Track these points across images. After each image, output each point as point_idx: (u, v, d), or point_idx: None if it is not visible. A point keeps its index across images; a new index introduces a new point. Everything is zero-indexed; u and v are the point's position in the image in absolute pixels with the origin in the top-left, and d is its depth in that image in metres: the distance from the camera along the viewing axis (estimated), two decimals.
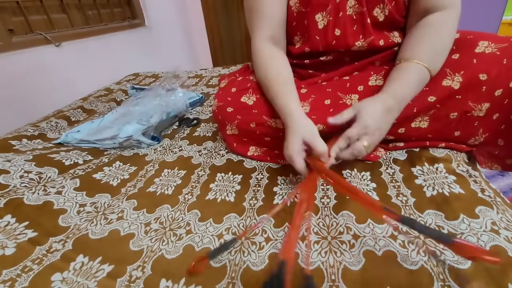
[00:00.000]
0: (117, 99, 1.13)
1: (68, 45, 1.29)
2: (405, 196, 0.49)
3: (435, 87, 0.53)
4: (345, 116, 0.51)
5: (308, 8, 0.59)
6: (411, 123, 0.56)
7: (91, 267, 0.41)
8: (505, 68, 0.50)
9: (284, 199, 0.52)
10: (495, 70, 0.50)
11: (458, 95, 0.52)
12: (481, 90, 0.51)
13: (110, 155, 0.72)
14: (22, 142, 0.75)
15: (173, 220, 0.50)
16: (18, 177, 0.56)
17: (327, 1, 0.58)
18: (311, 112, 0.59)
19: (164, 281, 0.39)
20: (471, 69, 0.52)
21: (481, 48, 0.52)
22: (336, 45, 0.60)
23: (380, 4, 0.57)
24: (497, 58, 0.50)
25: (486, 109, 0.52)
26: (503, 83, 0.50)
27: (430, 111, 0.54)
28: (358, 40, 0.59)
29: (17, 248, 0.43)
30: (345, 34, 0.59)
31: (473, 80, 0.51)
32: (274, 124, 0.60)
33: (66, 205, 0.53)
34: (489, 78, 0.50)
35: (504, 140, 0.56)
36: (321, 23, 0.60)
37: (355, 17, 0.59)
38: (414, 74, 0.52)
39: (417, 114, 0.55)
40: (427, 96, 0.54)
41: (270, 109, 0.60)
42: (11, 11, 1.11)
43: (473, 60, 0.52)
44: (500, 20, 1.68)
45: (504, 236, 0.38)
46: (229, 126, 0.64)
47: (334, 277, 0.37)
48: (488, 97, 0.51)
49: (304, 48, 0.64)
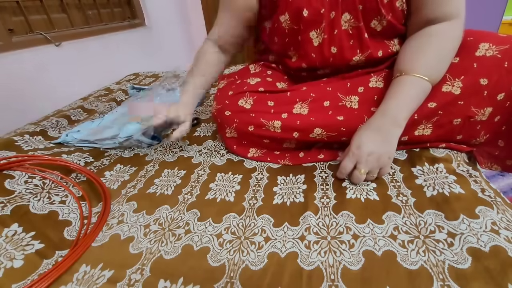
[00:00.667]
0: (117, 99, 1.13)
1: (68, 45, 1.29)
2: (405, 196, 0.48)
3: (435, 93, 0.52)
4: (341, 174, 0.53)
5: (300, 26, 0.58)
6: (415, 131, 0.55)
7: (93, 274, 0.41)
8: (506, 72, 0.49)
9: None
10: (496, 74, 0.49)
11: (460, 100, 0.51)
12: (483, 94, 0.50)
13: (110, 157, 0.72)
14: (24, 138, 0.75)
15: (172, 221, 0.50)
16: (23, 183, 0.56)
17: (320, 18, 0.56)
18: (309, 114, 0.58)
19: (163, 282, 0.39)
20: (471, 74, 0.51)
21: (482, 51, 0.51)
22: (334, 61, 0.60)
23: (377, 16, 0.55)
24: (498, 61, 0.50)
25: (489, 113, 0.52)
26: (505, 87, 0.50)
27: (433, 118, 0.53)
28: (355, 55, 0.58)
29: (25, 261, 0.43)
30: (341, 51, 0.58)
31: (474, 85, 0.50)
32: (272, 128, 0.59)
33: (71, 217, 0.52)
34: (490, 82, 0.50)
35: (504, 142, 0.55)
36: (316, 40, 0.59)
37: (351, 32, 0.57)
38: (413, 89, 0.51)
39: (419, 122, 0.54)
40: (427, 103, 0.53)
41: (268, 113, 0.60)
42: (11, 11, 1.11)
43: (474, 64, 0.51)
44: (500, 20, 1.68)
45: (504, 236, 0.38)
46: (228, 129, 0.64)
47: (334, 276, 0.37)
48: (491, 101, 0.51)
49: (301, 63, 0.64)
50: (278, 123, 0.59)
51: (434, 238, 0.40)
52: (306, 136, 0.59)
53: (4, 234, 0.45)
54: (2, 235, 0.45)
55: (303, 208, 0.49)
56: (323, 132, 0.57)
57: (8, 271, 0.41)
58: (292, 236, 0.44)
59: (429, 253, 0.38)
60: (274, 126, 0.59)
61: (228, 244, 0.44)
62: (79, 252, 0.44)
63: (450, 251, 0.38)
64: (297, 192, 0.53)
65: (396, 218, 0.44)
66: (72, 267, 0.43)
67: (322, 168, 0.59)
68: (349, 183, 0.53)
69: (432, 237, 0.40)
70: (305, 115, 0.58)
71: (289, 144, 0.62)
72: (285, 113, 0.60)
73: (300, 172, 0.59)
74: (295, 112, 0.59)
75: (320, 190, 0.53)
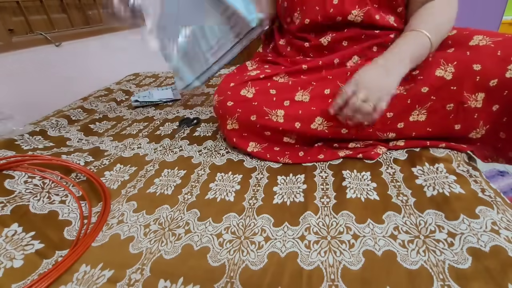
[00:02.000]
0: (117, 99, 1.13)
1: (68, 45, 1.29)
2: (405, 196, 0.48)
3: (428, 76, 0.54)
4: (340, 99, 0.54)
5: None
6: (409, 117, 0.57)
7: (93, 274, 0.41)
8: (499, 59, 0.50)
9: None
10: (489, 61, 0.51)
11: (452, 86, 0.53)
12: (475, 80, 0.52)
13: (110, 156, 0.72)
14: (24, 137, 0.75)
15: (172, 220, 0.50)
16: (23, 183, 0.56)
17: None
18: (310, 102, 0.60)
19: (163, 282, 0.39)
20: (464, 61, 0.52)
21: (476, 41, 0.53)
22: (334, 13, 0.60)
23: None
24: (492, 50, 0.51)
25: (482, 99, 0.53)
26: (498, 73, 0.50)
27: (426, 103, 0.55)
28: (354, 9, 0.59)
29: (25, 261, 0.43)
30: (342, 2, 0.60)
31: (466, 70, 0.52)
32: (275, 117, 0.60)
33: (71, 217, 0.52)
34: (483, 68, 0.51)
35: (506, 133, 0.55)
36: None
37: None
38: (410, 37, 0.54)
39: (413, 107, 0.56)
40: (420, 87, 0.54)
41: (270, 101, 0.61)
42: (11, 11, 1.12)
43: (467, 52, 0.53)
44: (500, 20, 1.68)
45: (504, 236, 0.38)
46: (229, 120, 0.64)
47: (334, 276, 0.37)
48: (483, 87, 0.52)
49: (304, 19, 0.64)
50: (281, 112, 0.60)
51: (434, 238, 0.40)
52: (307, 127, 0.60)
53: (4, 234, 0.45)
54: (2, 235, 0.45)
55: (303, 208, 0.49)
56: (324, 121, 0.59)
57: (8, 271, 0.41)
58: (292, 236, 0.44)
59: (429, 253, 0.38)
60: (277, 115, 0.60)
61: (228, 244, 0.44)
62: (79, 252, 0.44)
63: (450, 251, 0.38)
64: (297, 192, 0.53)
65: (396, 218, 0.44)
66: (72, 267, 0.43)
67: (322, 168, 0.59)
68: (349, 183, 0.53)
69: (432, 237, 0.40)
70: (306, 102, 0.60)
71: (289, 139, 0.63)
72: (287, 101, 0.61)
73: (300, 172, 0.59)
74: (297, 99, 0.61)
75: (320, 190, 0.53)
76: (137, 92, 1.20)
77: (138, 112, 1.01)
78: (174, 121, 0.90)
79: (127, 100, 1.15)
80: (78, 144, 0.79)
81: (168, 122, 0.90)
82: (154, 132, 0.84)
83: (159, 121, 0.92)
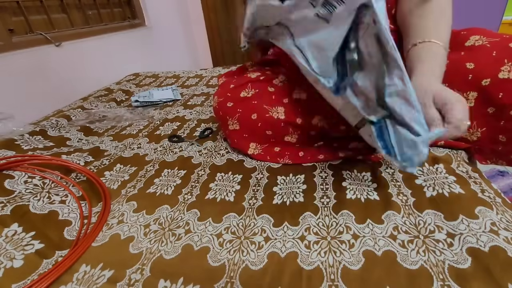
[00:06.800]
0: (117, 99, 1.13)
1: (68, 45, 1.29)
2: (405, 196, 0.48)
3: None
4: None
5: None
6: None
7: (93, 274, 0.41)
8: (493, 60, 0.50)
9: None
10: (483, 60, 0.50)
11: (444, 83, 0.51)
12: (467, 78, 0.51)
13: (110, 156, 0.72)
14: (24, 137, 0.75)
15: (172, 220, 0.50)
16: (23, 183, 0.56)
17: None
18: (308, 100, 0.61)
19: (163, 282, 0.39)
20: (457, 59, 0.52)
21: (472, 42, 0.53)
22: None
23: None
24: (487, 49, 0.51)
25: (474, 98, 0.52)
26: (491, 73, 0.50)
27: None
28: None
29: (25, 261, 0.43)
30: None
31: (459, 68, 0.52)
32: (276, 114, 0.60)
33: (71, 216, 0.52)
34: (476, 67, 0.51)
35: (506, 136, 0.55)
36: None
37: None
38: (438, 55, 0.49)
39: None
40: None
41: (270, 99, 0.61)
42: (11, 11, 1.11)
43: (461, 52, 0.53)
44: (500, 20, 1.68)
45: (504, 237, 0.38)
46: (230, 121, 0.64)
47: (334, 276, 0.37)
48: (475, 85, 0.51)
49: None
50: (281, 109, 0.60)
51: (434, 238, 0.40)
52: (308, 123, 0.60)
53: (4, 234, 0.45)
54: (2, 235, 0.45)
55: (303, 208, 0.49)
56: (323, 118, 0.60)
57: (8, 271, 0.41)
58: (292, 236, 0.44)
59: (429, 253, 0.38)
60: (277, 111, 0.61)
61: (228, 244, 0.44)
62: (79, 252, 0.44)
63: (450, 251, 0.38)
64: (297, 192, 0.53)
65: (395, 218, 0.44)
66: (72, 267, 0.43)
67: (322, 168, 0.59)
68: (349, 183, 0.53)
69: (431, 237, 0.40)
70: (304, 99, 0.61)
71: (290, 138, 0.63)
72: (286, 99, 0.62)
73: (300, 172, 0.59)
74: (295, 97, 0.62)
75: (320, 190, 0.53)
76: (137, 92, 1.20)
77: (138, 112, 1.01)
78: (174, 121, 0.90)
79: (127, 100, 1.15)
80: (78, 144, 0.79)
81: (168, 122, 0.90)
82: (154, 132, 0.84)
83: (159, 121, 0.92)
